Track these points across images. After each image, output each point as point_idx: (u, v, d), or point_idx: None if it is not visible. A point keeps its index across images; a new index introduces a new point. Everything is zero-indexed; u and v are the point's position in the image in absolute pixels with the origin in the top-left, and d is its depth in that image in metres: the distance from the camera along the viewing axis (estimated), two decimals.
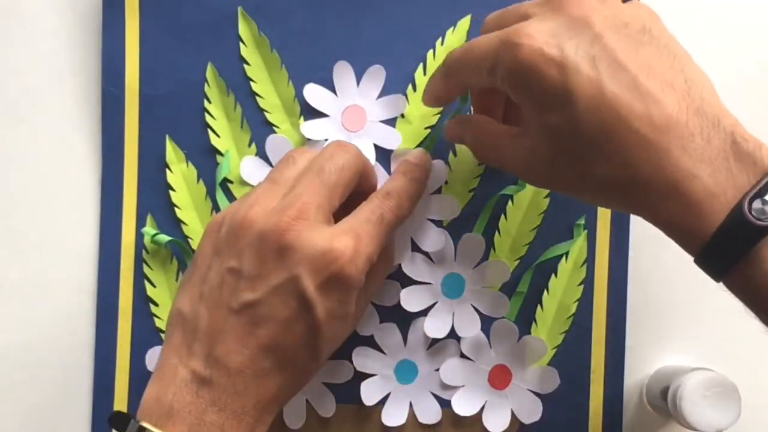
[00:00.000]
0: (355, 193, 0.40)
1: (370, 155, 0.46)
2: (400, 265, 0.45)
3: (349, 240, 0.36)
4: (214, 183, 0.46)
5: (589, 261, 0.46)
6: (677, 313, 0.47)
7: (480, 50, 0.36)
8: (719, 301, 0.46)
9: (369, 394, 0.46)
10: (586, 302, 0.46)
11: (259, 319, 0.35)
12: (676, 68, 0.33)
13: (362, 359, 0.46)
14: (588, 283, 0.46)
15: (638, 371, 0.47)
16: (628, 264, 0.46)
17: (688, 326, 0.47)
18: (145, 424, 0.34)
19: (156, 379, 0.35)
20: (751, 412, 0.43)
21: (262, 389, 0.35)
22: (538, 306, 0.46)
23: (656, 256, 0.47)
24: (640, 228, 0.47)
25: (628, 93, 0.32)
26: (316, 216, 0.36)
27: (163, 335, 0.46)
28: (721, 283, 0.34)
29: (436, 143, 0.46)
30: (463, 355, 0.46)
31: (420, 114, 0.46)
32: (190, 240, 0.46)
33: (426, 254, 0.46)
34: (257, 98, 0.46)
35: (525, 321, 0.46)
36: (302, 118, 0.46)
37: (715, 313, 0.47)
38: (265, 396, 0.35)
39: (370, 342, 0.46)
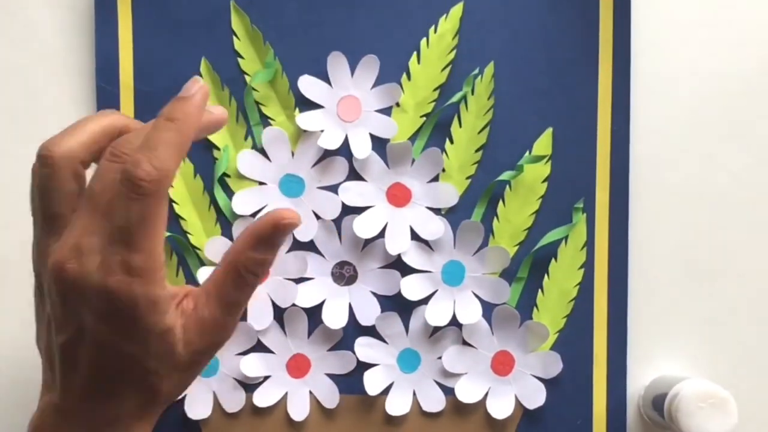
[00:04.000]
0: None
1: (366, 145, 0.46)
2: (399, 254, 0.46)
3: (57, 254, 0.33)
4: (212, 178, 0.46)
5: (589, 244, 0.46)
6: (672, 323, 0.47)
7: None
8: (713, 311, 0.47)
9: (372, 383, 0.46)
10: (587, 285, 0.46)
11: (69, 352, 0.35)
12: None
13: (365, 349, 0.46)
14: (588, 266, 0.46)
15: (635, 382, 0.47)
16: (628, 246, 0.46)
17: (682, 336, 0.47)
18: None
19: (37, 410, 0.38)
20: (746, 422, 0.43)
21: (110, 410, 0.36)
22: (539, 291, 0.46)
23: (653, 267, 0.47)
24: (640, 229, 0.47)
25: None
26: (43, 232, 0.35)
27: None
28: (716, 293, 0.32)
29: (432, 131, 0.46)
30: (465, 342, 0.46)
31: (415, 102, 0.46)
32: (189, 235, 0.46)
33: (425, 242, 0.46)
34: (252, 91, 0.46)
35: (526, 306, 0.46)
36: (297, 109, 0.46)
37: (708, 323, 0.47)
38: (116, 414, 0.36)
39: (372, 332, 0.46)
